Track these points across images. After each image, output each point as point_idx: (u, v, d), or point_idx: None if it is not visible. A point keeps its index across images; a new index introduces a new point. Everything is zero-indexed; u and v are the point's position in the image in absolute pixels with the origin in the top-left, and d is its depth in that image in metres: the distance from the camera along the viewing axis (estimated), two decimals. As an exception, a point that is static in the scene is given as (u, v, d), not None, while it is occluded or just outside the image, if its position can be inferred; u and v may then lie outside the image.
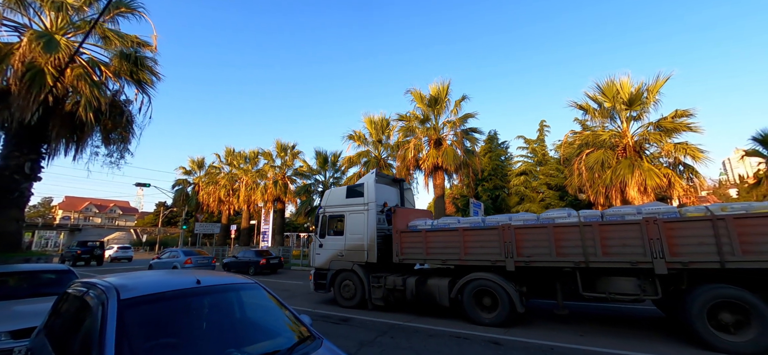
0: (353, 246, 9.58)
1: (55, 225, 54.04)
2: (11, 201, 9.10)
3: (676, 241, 5.76)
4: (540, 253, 6.89)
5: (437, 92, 19.74)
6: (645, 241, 5.95)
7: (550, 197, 27.23)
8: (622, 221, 6.34)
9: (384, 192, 10.35)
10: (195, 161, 35.52)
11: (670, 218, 5.93)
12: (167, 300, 2.83)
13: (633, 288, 6.29)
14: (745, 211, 5.56)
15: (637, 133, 14.19)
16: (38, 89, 8.76)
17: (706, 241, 5.52)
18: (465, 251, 7.65)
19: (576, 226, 6.64)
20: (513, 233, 7.16)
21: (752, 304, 5.15)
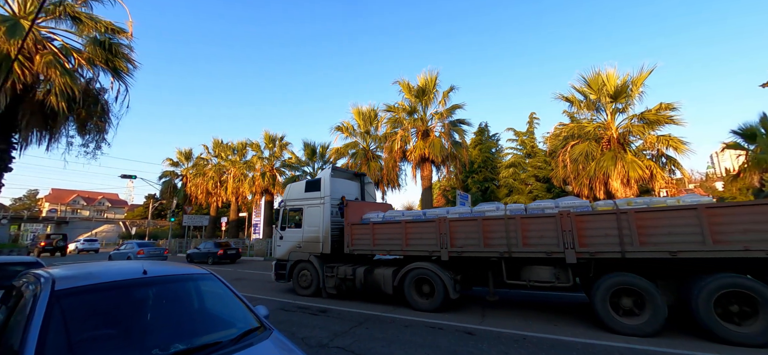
0: (310, 238, 9.98)
1: (41, 218, 53.01)
2: (-21, 192, 8.83)
3: (585, 233, 6.17)
4: (471, 244, 7.28)
5: (425, 83, 19.61)
6: (559, 233, 6.35)
7: (537, 188, 27.46)
8: (540, 215, 6.78)
9: (343, 186, 10.73)
10: (183, 153, 34.97)
11: (581, 212, 6.40)
12: (107, 291, 2.74)
13: (549, 276, 6.74)
14: (646, 205, 6.03)
15: (621, 126, 14.29)
16: (4, 77, 8.43)
17: (610, 233, 5.95)
18: (406, 242, 8.05)
19: (501, 219, 7.04)
20: (448, 226, 7.54)
21: (646, 289, 5.62)
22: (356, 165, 22.23)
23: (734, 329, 5.08)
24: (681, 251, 5.41)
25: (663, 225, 5.59)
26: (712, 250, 5.18)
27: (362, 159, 22.29)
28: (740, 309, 5.14)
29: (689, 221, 5.42)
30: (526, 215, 6.92)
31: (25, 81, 8.73)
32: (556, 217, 6.44)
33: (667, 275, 5.95)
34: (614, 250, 5.90)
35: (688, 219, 5.43)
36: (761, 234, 4.95)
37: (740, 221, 5.14)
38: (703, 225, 5.26)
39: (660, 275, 5.93)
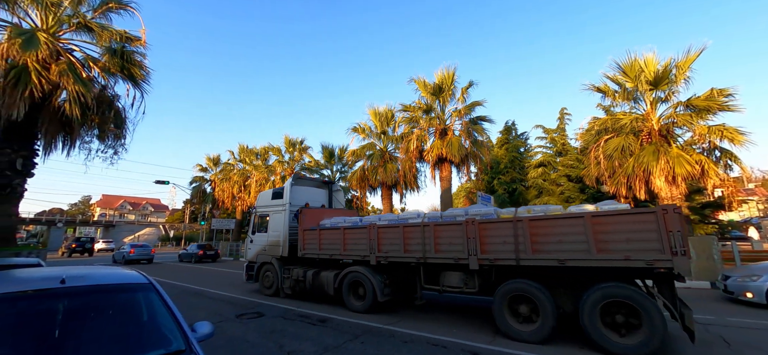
0: (273, 242, 10.74)
1: (92, 222, 57.71)
2: (3, 197, 9.30)
3: (486, 240, 6.33)
4: (394, 249, 7.64)
5: (442, 80, 18.74)
6: (464, 240, 6.54)
7: (569, 189, 25.44)
8: (451, 222, 6.94)
9: (309, 194, 11.62)
10: (211, 159, 36.39)
11: (484, 220, 6.52)
12: (6, 302, 2.37)
13: (458, 282, 6.90)
14: (542, 213, 6.12)
15: (664, 116, 12.62)
16: (24, 86, 8.82)
17: (507, 241, 6.06)
18: (345, 247, 8.57)
19: (418, 226, 7.30)
20: (376, 232, 7.92)
21: (538, 297, 5.70)
22: (373, 167, 21.77)
23: (616, 340, 5.03)
24: (569, 260, 5.43)
25: (553, 234, 5.64)
26: (597, 259, 5.15)
27: (379, 160, 21.78)
28: (626, 320, 5.07)
29: (576, 230, 5.41)
30: (439, 223, 7.16)
31: (43, 90, 9.07)
32: (463, 225, 6.63)
33: (563, 284, 5.91)
34: (510, 257, 6.02)
35: (576, 228, 5.43)
36: (641, 243, 4.87)
37: (622, 230, 5.07)
38: (588, 234, 5.24)
39: (556, 283, 5.93)
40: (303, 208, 10.29)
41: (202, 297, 10.56)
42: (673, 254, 4.62)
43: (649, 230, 4.88)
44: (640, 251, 4.86)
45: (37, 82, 8.94)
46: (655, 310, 4.81)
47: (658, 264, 4.75)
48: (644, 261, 4.82)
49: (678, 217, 4.72)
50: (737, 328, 6.75)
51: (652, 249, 4.78)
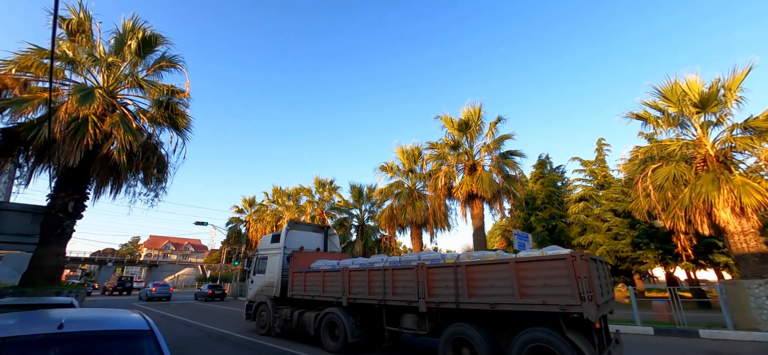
0: (269, 283, 11.30)
1: (138, 262, 61.46)
2: (54, 237, 10.07)
3: (433, 284, 6.67)
4: (361, 292, 8.04)
5: (468, 116, 18.58)
6: (415, 283, 6.92)
7: (617, 225, 23.20)
8: (405, 266, 7.31)
9: (305, 238, 12.43)
10: (247, 200, 38.04)
11: (432, 264, 6.85)
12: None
13: (412, 324, 7.15)
14: (479, 258, 6.36)
15: (719, 141, 11.35)
16: (81, 136, 9.81)
17: (449, 284, 6.37)
18: (323, 289, 9.09)
19: (380, 270, 7.69)
20: (348, 275, 8.41)
21: (475, 340, 5.89)
22: (401, 205, 21.44)
23: None
24: (498, 304, 5.67)
25: (486, 279, 5.90)
26: (520, 303, 5.38)
27: (407, 199, 21.46)
28: None
29: (503, 275, 5.66)
30: (396, 267, 7.49)
31: (96, 139, 10.01)
32: (414, 269, 7.01)
33: (499, 327, 6.08)
34: (451, 300, 6.31)
35: (503, 273, 5.68)
36: (556, 288, 5.06)
37: (540, 276, 5.29)
38: (513, 279, 5.50)
39: (493, 326, 6.12)
40: (295, 251, 10.98)
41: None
42: (582, 299, 4.79)
43: (561, 276, 5.10)
44: (555, 296, 5.08)
45: (92, 133, 9.91)
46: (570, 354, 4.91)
47: (570, 309, 4.93)
48: (559, 306, 5.02)
49: (585, 263, 4.97)
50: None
51: (565, 294, 4.99)
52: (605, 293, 5.68)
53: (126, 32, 12.16)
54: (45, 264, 9.70)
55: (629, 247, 21.97)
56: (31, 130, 9.44)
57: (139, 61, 12.64)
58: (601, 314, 5.27)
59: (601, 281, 5.55)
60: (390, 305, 7.45)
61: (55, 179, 10.60)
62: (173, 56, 13.42)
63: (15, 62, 10.09)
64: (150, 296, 26.92)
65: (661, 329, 10.76)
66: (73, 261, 52.31)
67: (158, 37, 12.77)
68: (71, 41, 11.42)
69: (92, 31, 11.73)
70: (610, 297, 6.07)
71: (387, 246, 25.68)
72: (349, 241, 25.98)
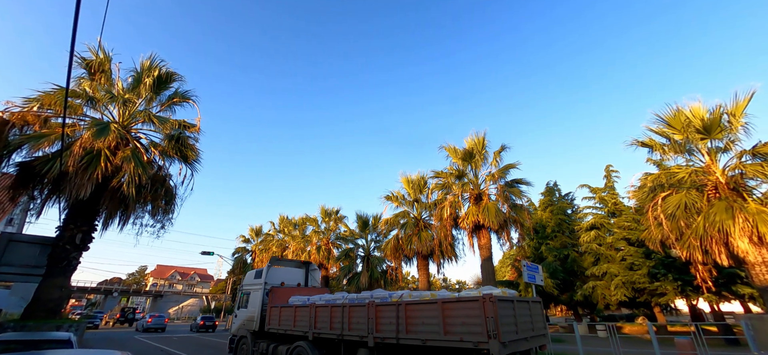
0: (250, 317, 11.66)
1: (144, 292, 61.08)
2: (59, 269, 10.17)
3: (380, 321, 7.08)
4: (324, 327, 8.43)
5: (473, 145, 18.69)
6: (366, 320, 7.34)
7: (632, 254, 22.38)
8: (359, 303, 7.76)
9: (286, 274, 12.96)
10: (253, 230, 38.09)
11: (380, 302, 7.28)
12: None
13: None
14: (418, 298, 6.80)
15: (729, 167, 11.10)
16: (93, 169, 10.14)
17: (392, 321, 6.82)
18: (294, 323, 9.52)
19: (340, 307, 8.12)
20: (314, 311, 8.84)
21: None
22: (407, 235, 21.16)
23: None
24: (428, 340, 6.15)
25: (420, 316, 6.41)
26: (444, 340, 5.87)
27: (413, 229, 21.19)
28: None
29: (433, 313, 6.16)
30: (353, 304, 7.93)
31: (107, 172, 10.32)
32: (366, 306, 7.44)
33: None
34: (393, 336, 6.74)
35: (433, 311, 6.19)
36: (471, 327, 5.60)
37: (459, 315, 5.83)
38: (440, 317, 6.00)
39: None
40: (274, 286, 11.49)
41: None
42: (489, 337, 5.33)
43: (475, 316, 5.63)
44: (471, 334, 5.60)
45: (104, 166, 10.24)
46: None
47: (482, 345, 5.43)
48: (472, 342, 5.56)
49: (492, 304, 5.50)
50: None
51: (477, 332, 5.52)
52: (522, 331, 6.11)
53: (143, 70, 12.86)
54: (49, 297, 9.73)
55: (646, 278, 21.06)
56: (46, 164, 9.81)
57: (154, 97, 13.26)
58: (514, 350, 5.74)
59: (517, 320, 6.06)
60: (346, 339, 7.84)
61: (66, 211, 10.87)
62: (186, 91, 14.05)
63: (37, 100, 10.67)
64: (146, 327, 28.63)
65: (684, 368, 10.05)
66: (79, 290, 52.31)
67: (173, 75, 13.45)
68: (92, 80, 12.10)
69: (111, 71, 12.42)
70: (531, 335, 6.47)
71: (393, 278, 25.12)
72: (355, 272, 25.50)
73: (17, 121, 10.03)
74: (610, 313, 31.46)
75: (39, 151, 10.50)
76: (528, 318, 6.67)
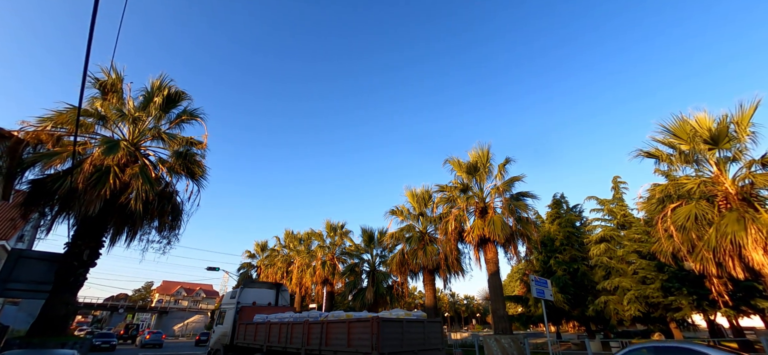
0: (224, 333, 13.22)
1: (149, 308, 60.98)
2: (66, 286, 10.26)
3: (311, 335, 8.96)
4: (275, 341, 10.20)
5: (477, 158, 18.67)
6: (302, 335, 9.20)
7: (645, 268, 21.79)
8: (298, 321, 9.61)
9: (257, 294, 14.58)
10: (259, 245, 38.07)
11: (312, 321, 9.15)
12: None
13: None
14: (336, 317, 8.71)
15: (739, 178, 10.89)
16: (102, 186, 10.33)
17: (318, 336, 8.71)
18: (255, 338, 11.31)
19: (287, 324, 9.96)
20: (269, 328, 10.62)
21: None
22: (413, 250, 20.98)
23: None
24: (339, 350, 8.04)
25: (335, 332, 8.38)
26: (347, 350, 7.81)
27: (418, 243, 21.02)
28: None
29: (343, 330, 8.13)
30: (294, 322, 9.80)
31: (116, 188, 10.51)
32: (303, 324, 9.29)
33: None
34: (317, 348, 8.56)
35: (343, 328, 8.15)
36: (364, 342, 7.45)
37: (358, 332, 7.73)
38: (346, 333, 7.99)
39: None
40: (244, 306, 13.12)
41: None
42: (372, 348, 7.14)
43: (366, 332, 7.47)
44: (363, 346, 7.44)
45: (112, 183, 10.43)
46: None
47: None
48: (362, 353, 7.38)
49: (377, 324, 7.30)
50: None
51: (366, 345, 7.34)
52: (408, 345, 7.94)
53: (153, 89, 13.23)
54: (55, 313, 9.79)
55: (659, 292, 20.45)
56: (58, 181, 10.04)
57: (163, 116, 13.58)
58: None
59: (404, 337, 7.92)
60: (288, 351, 9.59)
61: (75, 227, 11.03)
62: (194, 109, 14.38)
63: (51, 119, 11.01)
64: (144, 342, 31.37)
65: (703, 387, 9.62)
66: (85, 307, 52.44)
67: (182, 94, 13.81)
68: (104, 99, 12.47)
69: (123, 90, 12.80)
70: (420, 348, 8.32)
71: (399, 293, 24.77)
72: (360, 287, 25.21)
73: (31, 140, 10.33)
74: (624, 329, 30.37)
75: (51, 169, 10.77)
76: (420, 335, 8.52)
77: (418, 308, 68.40)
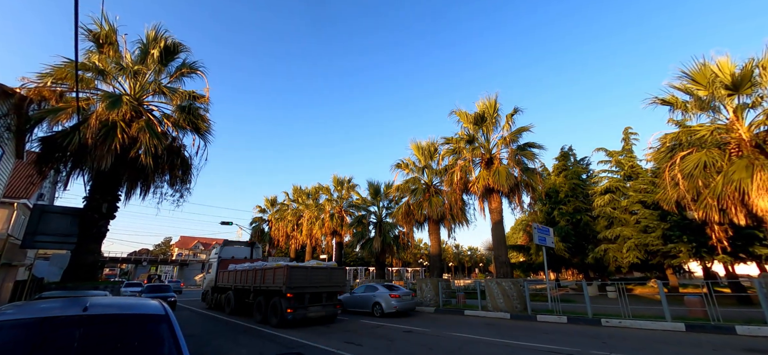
0: (211, 279, 19.38)
1: (171, 261, 64.70)
2: (91, 237, 10.85)
3: (256, 277, 13.83)
4: (236, 282, 15.65)
5: (483, 109, 18.25)
6: (252, 277, 14.13)
7: (647, 217, 22.04)
8: (249, 269, 14.67)
9: (236, 251, 20.43)
10: (269, 200, 39.08)
11: (259, 267, 14.02)
12: (25, 328, 2.57)
13: (251, 298, 14.21)
14: (262, 266, 13.97)
15: (755, 124, 10.56)
16: (111, 141, 10.47)
17: (259, 277, 13.62)
18: (227, 280, 16.79)
19: (243, 271, 15.12)
20: (235, 273, 15.91)
21: (261, 301, 13.11)
22: (418, 201, 21.36)
23: (275, 321, 12.13)
24: (269, 286, 12.78)
25: (267, 275, 13.09)
26: (273, 286, 12.50)
27: (424, 195, 21.35)
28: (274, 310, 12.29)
29: (271, 273, 12.91)
30: (247, 269, 14.79)
31: (125, 143, 10.65)
32: (251, 270, 14.42)
33: (268, 296, 12.79)
34: (259, 285, 13.41)
35: (271, 272, 12.93)
36: (280, 279, 12.13)
37: (279, 274, 12.30)
38: (273, 275, 12.72)
39: (268, 295, 12.89)
40: (225, 259, 18.71)
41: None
42: (284, 285, 11.61)
43: (282, 275, 11.91)
44: (281, 283, 11.91)
45: (121, 138, 10.55)
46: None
47: (283, 288, 11.63)
48: (279, 286, 11.90)
49: (287, 269, 11.82)
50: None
51: (281, 283, 11.84)
52: (313, 283, 12.50)
53: (149, 41, 12.83)
54: (83, 262, 10.47)
55: (659, 240, 20.86)
56: (66, 137, 10.18)
57: (162, 69, 13.30)
58: (300, 292, 11.95)
59: (311, 278, 12.49)
60: (244, 288, 14.61)
61: (90, 182, 11.39)
62: (193, 62, 14.01)
63: (50, 75, 10.88)
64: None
65: (693, 325, 10.19)
66: (111, 261, 55.86)
67: (179, 45, 13.38)
68: (100, 53, 12.18)
69: (118, 43, 12.44)
70: (324, 285, 12.91)
71: (405, 243, 25.71)
72: (368, 238, 26.17)
73: (34, 97, 10.31)
74: (621, 276, 31.55)
75: (58, 126, 10.87)
76: (325, 277, 13.02)
77: (423, 257, 71.41)
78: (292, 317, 11.45)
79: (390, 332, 10.72)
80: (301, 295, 11.93)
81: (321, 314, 12.60)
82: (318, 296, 12.55)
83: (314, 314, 12.29)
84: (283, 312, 11.40)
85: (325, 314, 12.78)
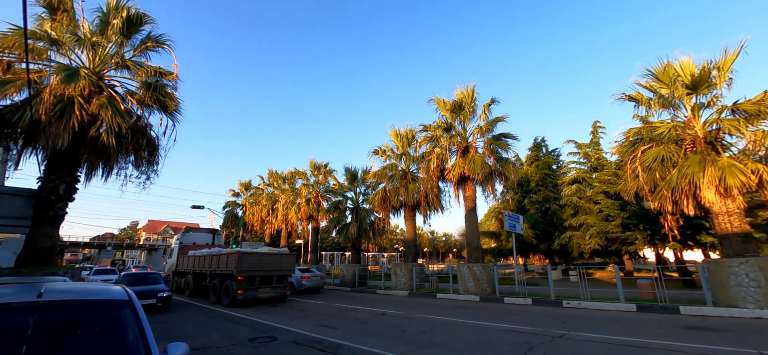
0: (172, 264, 20.44)
1: (137, 246, 61.89)
2: (46, 219, 10.14)
3: (211, 262, 14.99)
4: (196, 267, 16.65)
5: (462, 97, 18.46)
6: (210, 262, 15.16)
7: (609, 206, 23.51)
8: (206, 255, 15.76)
9: (198, 237, 21.48)
10: (243, 184, 38.03)
11: (215, 253, 15.03)
12: None
13: (208, 281, 15.26)
14: (218, 252, 15.06)
15: (708, 122, 11.40)
16: (68, 118, 9.72)
17: (214, 262, 14.75)
18: (187, 265, 17.83)
19: (201, 256, 16.17)
20: (194, 258, 16.91)
21: (216, 283, 14.24)
22: (395, 188, 21.54)
23: (227, 301, 13.27)
24: (222, 271, 13.88)
25: (222, 260, 14.17)
26: (226, 270, 13.56)
27: (401, 181, 21.53)
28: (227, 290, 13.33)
29: (225, 258, 13.98)
30: (204, 255, 15.91)
31: (83, 121, 9.93)
32: (208, 256, 15.51)
33: (222, 279, 13.79)
34: (215, 270, 14.54)
35: (225, 257, 14.02)
36: (232, 265, 13.24)
37: (231, 259, 13.42)
38: (226, 260, 13.79)
39: (222, 278, 13.85)
40: (185, 245, 19.58)
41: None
42: (236, 269, 12.82)
43: (234, 260, 13.15)
44: (232, 267, 13.03)
45: (79, 115, 9.82)
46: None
47: (235, 272, 12.82)
48: (231, 270, 13.07)
49: (239, 255, 13.15)
50: None
51: (234, 267, 12.95)
52: (263, 268, 13.58)
53: (110, 10, 11.86)
54: (39, 246, 9.81)
55: (619, 228, 22.34)
56: (16, 112, 9.34)
57: (124, 41, 12.38)
58: (251, 275, 13.11)
59: (261, 263, 13.57)
60: (202, 272, 15.90)
61: (45, 162, 10.58)
62: (159, 36, 13.14)
63: (-5, 43, 9.87)
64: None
65: (643, 306, 11.09)
66: (72, 245, 52.63)
67: (144, 16, 12.46)
68: (53, 20, 11.15)
69: (74, 10, 11.43)
70: (273, 269, 14.04)
71: (381, 228, 25.95)
72: (344, 223, 26.17)
73: (-23, 66, 9.35)
74: (583, 261, 33.64)
75: (6, 99, 9.94)
76: (275, 262, 14.13)
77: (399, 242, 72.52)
78: (243, 298, 12.61)
79: (364, 315, 10.92)
80: (252, 278, 13.12)
81: (270, 296, 13.86)
82: (268, 279, 13.80)
83: (264, 295, 13.52)
84: (234, 293, 12.54)
85: (275, 295, 14.07)
